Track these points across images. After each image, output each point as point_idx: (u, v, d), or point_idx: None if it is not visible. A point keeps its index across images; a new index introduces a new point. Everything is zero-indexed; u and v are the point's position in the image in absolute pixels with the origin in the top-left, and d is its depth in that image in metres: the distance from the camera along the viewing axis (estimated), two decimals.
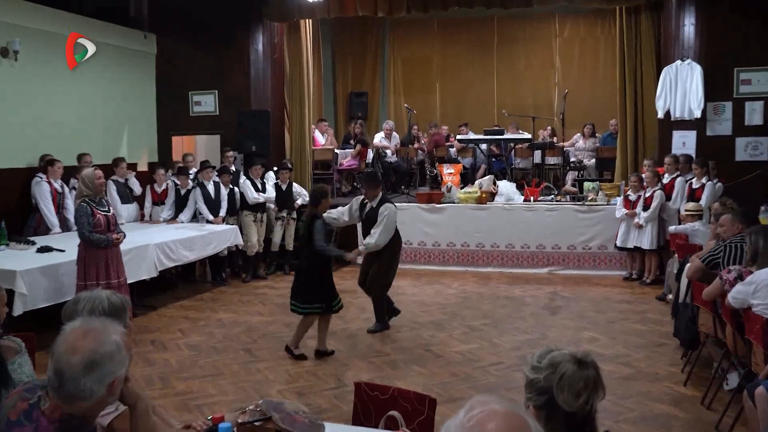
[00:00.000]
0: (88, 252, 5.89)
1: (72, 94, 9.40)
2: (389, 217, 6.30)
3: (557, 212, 9.47)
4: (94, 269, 5.88)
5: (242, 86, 10.79)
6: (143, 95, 10.86)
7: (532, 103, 13.92)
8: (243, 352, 6.06)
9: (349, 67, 15.36)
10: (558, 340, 6.25)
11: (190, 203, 9.07)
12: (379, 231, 6.28)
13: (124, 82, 10.41)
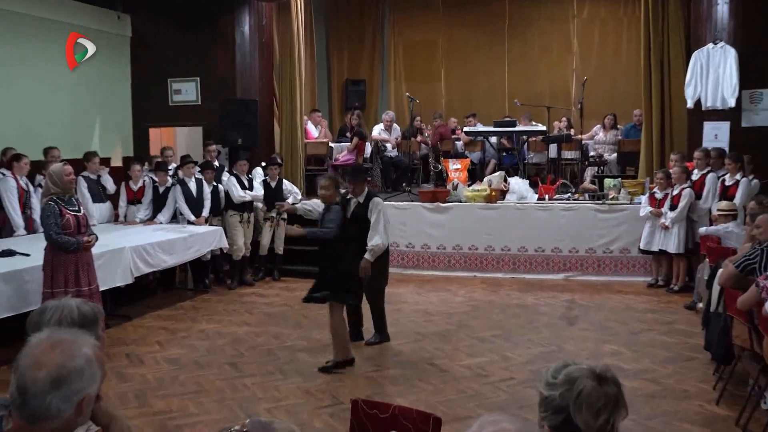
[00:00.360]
0: (56, 256, 5.88)
1: (37, 82, 9.40)
2: (384, 212, 6.35)
3: (575, 212, 9.47)
4: (63, 275, 5.87)
5: (227, 73, 10.79)
6: (117, 83, 10.86)
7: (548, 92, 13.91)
8: (228, 366, 6.05)
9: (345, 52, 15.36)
10: (575, 354, 6.24)
11: (169, 202, 9.06)
12: (380, 228, 6.29)
13: (95, 68, 10.41)
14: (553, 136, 11.69)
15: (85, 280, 5.98)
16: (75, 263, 5.92)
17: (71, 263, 5.90)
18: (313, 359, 6.19)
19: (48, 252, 5.93)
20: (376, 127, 12.64)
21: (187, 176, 9.02)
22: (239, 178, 9.27)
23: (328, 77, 15.45)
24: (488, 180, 10.21)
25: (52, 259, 5.89)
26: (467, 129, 12.12)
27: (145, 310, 8.10)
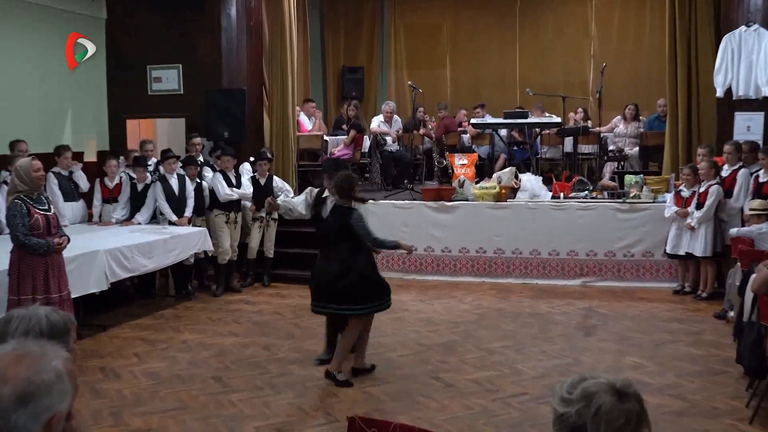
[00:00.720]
0: (23, 260, 5.88)
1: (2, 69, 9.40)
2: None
3: (593, 211, 9.47)
4: (30, 281, 5.87)
5: (212, 59, 10.79)
6: (91, 70, 10.86)
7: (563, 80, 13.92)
8: (213, 380, 6.05)
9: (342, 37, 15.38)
10: (593, 367, 6.24)
11: (148, 201, 9.07)
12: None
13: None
14: (569, 128, 11.69)
15: (56, 287, 5.97)
16: (44, 268, 5.92)
17: (40, 268, 5.90)
18: (306, 372, 6.19)
19: (14, 255, 5.92)
20: (375, 118, 12.63)
21: (169, 172, 9.02)
22: (225, 175, 9.27)
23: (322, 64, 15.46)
24: (498, 177, 10.21)
25: (19, 263, 5.88)
26: (475, 121, 12.11)
27: (121, 319, 8.09)
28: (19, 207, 5.81)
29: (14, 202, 5.84)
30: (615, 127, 12.01)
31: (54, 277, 5.97)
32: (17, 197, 5.85)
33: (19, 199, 5.85)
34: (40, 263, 5.89)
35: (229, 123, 10.45)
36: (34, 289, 5.85)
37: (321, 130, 12.48)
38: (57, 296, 5.94)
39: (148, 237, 8.19)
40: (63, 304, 5.90)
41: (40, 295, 5.82)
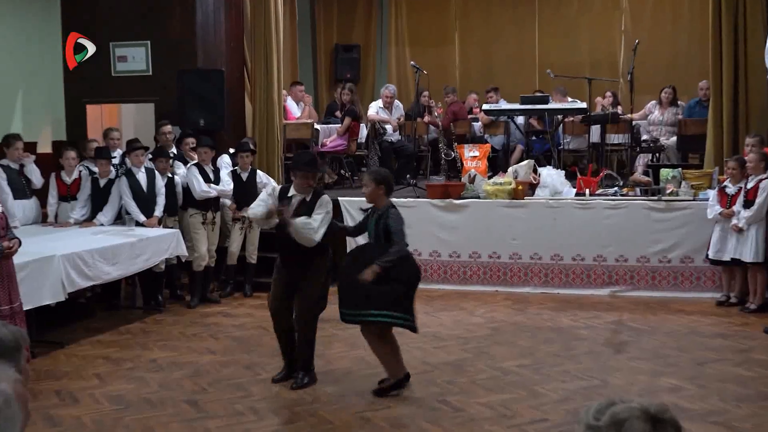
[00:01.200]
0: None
1: None
2: (330, 213, 6.32)
3: (623, 211, 9.46)
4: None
5: (185, 36, 10.78)
6: (45, 48, 10.84)
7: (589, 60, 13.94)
8: (187, 405, 6.03)
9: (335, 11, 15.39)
10: (624, 390, 6.23)
11: (112, 198, 9.06)
12: (321, 219, 6.18)
13: (16, 30, 10.39)
14: (596, 115, 11.69)
15: (5, 298, 5.96)
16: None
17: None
18: (294, 396, 6.18)
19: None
20: (373, 104, 12.63)
21: (136, 165, 9.01)
22: (202, 169, 9.26)
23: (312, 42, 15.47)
24: (514, 171, 10.20)
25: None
26: (487, 107, 12.12)
27: (81, 334, 8.06)
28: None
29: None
30: (649, 113, 12.02)
31: (3, 286, 5.96)
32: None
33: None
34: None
35: (205, 109, 10.44)
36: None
37: (311, 118, 12.48)
38: (7, 308, 5.93)
39: (111, 240, 8.18)
40: (14, 317, 5.89)
41: None
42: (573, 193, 9.93)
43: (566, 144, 12.46)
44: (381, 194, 6.10)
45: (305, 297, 6.38)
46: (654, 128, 11.88)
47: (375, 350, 6.21)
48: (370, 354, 6.98)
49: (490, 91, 12.89)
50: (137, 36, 10.92)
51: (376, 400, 6.09)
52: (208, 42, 10.94)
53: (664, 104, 11.89)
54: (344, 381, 6.54)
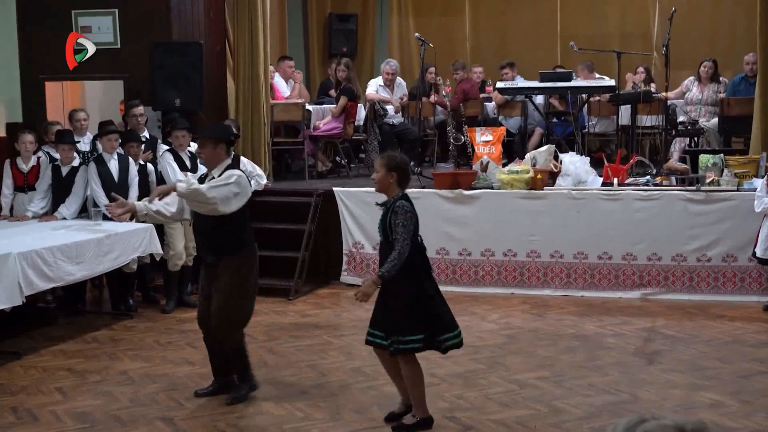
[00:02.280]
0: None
1: None
2: (239, 183, 6.12)
3: (656, 203, 9.47)
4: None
5: (157, 4, 10.78)
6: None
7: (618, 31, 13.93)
8: (161, 423, 6.03)
9: None
10: (657, 405, 6.21)
11: (76, 189, 9.06)
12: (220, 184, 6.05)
13: None
14: (626, 93, 11.68)
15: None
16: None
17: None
18: (282, 411, 6.18)
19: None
20: (373, 82, 12.63)
21: (108, 151, 9.01)
22: (177, 155, 9.27)
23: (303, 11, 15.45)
24: (532, 157, 10.20)
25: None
26: (502, 85, 12.11)
27: (40, 343, 8.06)
28: None
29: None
30: (687, 91, 12.00)
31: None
32: None
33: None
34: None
35: (182, 88, 10.44)
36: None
37: (302, 97, 12.47)
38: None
39: (75, 236, 8.16)
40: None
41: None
42: (599, 183, 9.93)
43: (592, 127, 12.45)
44: (392, 183, 5.79)
45: (216, 302, 6.25)
46: (692, 108, 11.86)
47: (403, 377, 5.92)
48: (368, 365, 7.00)
49: (504, 67, 12.86)
50: (103, 4, 10.91)
51: (376, 417, 6.09)
52: (184, 12, 10.94)
53: (703, 81, 11.87)
54: (340, 395, 6.54)
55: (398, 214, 5.67)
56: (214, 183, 6.10)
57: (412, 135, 12.13)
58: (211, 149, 6.26)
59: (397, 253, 5.59)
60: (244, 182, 6.21)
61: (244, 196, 6.19)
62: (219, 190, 6.04)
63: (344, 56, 13.40)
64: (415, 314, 5.69)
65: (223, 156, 6.29)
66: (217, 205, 6.05)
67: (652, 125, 12.05)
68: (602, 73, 12.33)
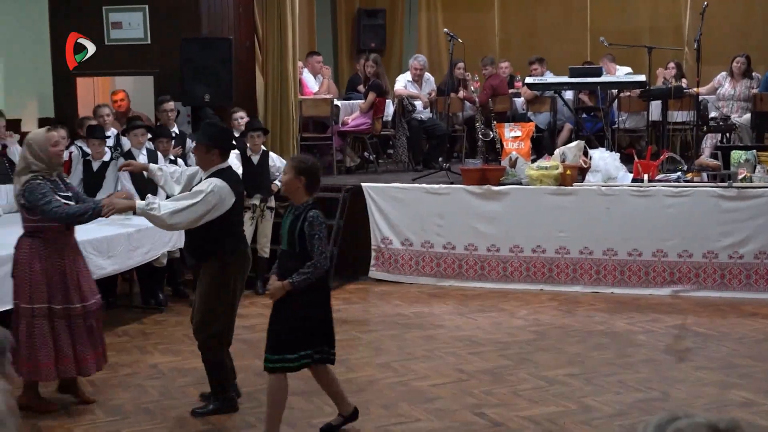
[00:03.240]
0: (39, 253, 5.95)
1: None
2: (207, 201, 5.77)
3: (687, 199, 9.41)
4: (45, 286, 5.95)
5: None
6: (29, 14, 10.89)
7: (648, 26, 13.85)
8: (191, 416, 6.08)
9: None
10: (688, 403, 6.19)
11: (107, 184, 9.12)
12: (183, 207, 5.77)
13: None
14: (657, 89, 11.61)
15: (76, 294, 6.03)
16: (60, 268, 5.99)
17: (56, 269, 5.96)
18: (311, 406, 6.19)
19: (23, 251, 5.98)
20: (401, 77, 12.62)
21: (136, 146, 9.06)
22: None
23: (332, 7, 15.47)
24: (561, 153, 10.17)
25: (30, 262, 5.94)
26: (531, 80, 12.07)
27: None
28: (42, 186, 5.84)
29: (36, 183, 5.87)
30: (719, 86, 11.90)
31: (73, 280, 6.04)
32: (35, 177, 5.92)
33: (39, 179, 5.91)
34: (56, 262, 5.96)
35: (211, 83, 10.47)
36: (51, 296, 5.93)
37: (330, 93, 12.48)
38: (80, 306, 6.02)
39: (106, 231, 8.20)
40: (88, 316, 6.02)
41: (58, 304, 5.93)
42: (629, 179, 9.88)
43: (622, 122, 12.39)
44: (300, 187, 5.45)
45: (194, 311, 6.17)
46: (724, 104, 11.77)
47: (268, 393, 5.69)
48: (396, 360, 7.03)
49: (534, 62, 12.82)
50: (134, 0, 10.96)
51: (404, 412, 6.10)
52: (214, 7, 10.98)
53: (736, 76, 11.77)
54: (367, 390, 6.56)
55: (313, 225, 5.36)
56: (179, 204, 5.80)
57: (441, 131, 12.11)
58: (203, 153, 6.05)
59: (313, 266, 5.34)
60: (216, 197, 5.81)
61: (217, 210, 5.85)
62: (181, 215, 5.76)
63: (373, 52, 13.40)
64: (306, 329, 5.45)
65: (216, 161, 6.02)
66: (182, 226, 5.94)
67: (684, 121, 11.98)
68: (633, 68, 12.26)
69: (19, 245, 6.02)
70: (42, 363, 5.91)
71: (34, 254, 5.94)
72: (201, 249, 6.12)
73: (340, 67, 15.38)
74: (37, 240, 5.97)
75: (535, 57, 12.98)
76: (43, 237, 5.98)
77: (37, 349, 5.89)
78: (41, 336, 5.89)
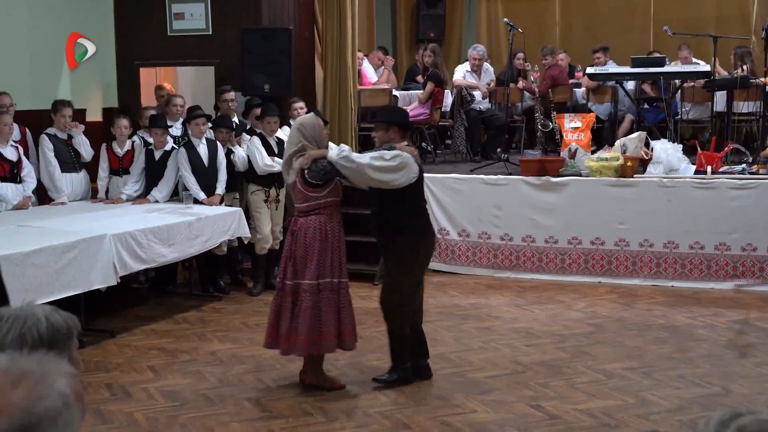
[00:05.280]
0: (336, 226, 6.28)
1: None
2: (402, 156, 6.25)
3: (752, 191, 9.29)
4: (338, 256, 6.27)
5: None
6: (94, 4, 11.04)
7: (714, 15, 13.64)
8: (248, 403, 6.15)
9: None
10: (751, 399, 6.14)
11: (168, 173, 9.22)
12: (375, 155, 6.29)
13: None
14: (721, 79, 11.44)
15: (336, 267, 6.26)
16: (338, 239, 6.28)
17: (337, 240, 6.25)
18: (369, 395, 6.24)
19: (312, 226, 6.18)
20: (460, 67, 12.59)
21: (196, 136, 9.14)
22: (265, 140, 9.37)
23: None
24: (622, 144, 10.09)
25: (320, 234, 6.16)
26: (592, 70, 11.96)
27: (133, 323, 8.25)
28: None
29: None
30: None
31: (339, 251, 6.28)
32: None
33: None
34: (336, 236, 6.25)
35: (270, 73, 10.51)
36: (333, 268, 6.22)
37: (389, 83, 12.49)
38: (338, 281, 6.24)
39: (167, 219, 8.32)
40: (341, 290, 6.24)
41: (334, 276, 6.20)
42: (692, 171, 9.77)
43: (685, 113, 12.23)
44: None
45: (384, 284, 6.57)
46: None
47: None
48: (452, 351, 7.05)
49: (597, 51, 12.66)
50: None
51: (460, 403, 6.11)
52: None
53: None
54: (424, 382, 6.57)
55: None
56: (370, 155, 6.27)
57: (500, 121, 12.07)
58: (383, 132, 6.49)
59: None
60: (402, 160, 6.21)
61: (405, 175, 6.22)
62: (377, 164, 6.16)
63: (432, 41, 13.37)
64: None
65: (396, 139, 6.45)
66: (376, 177, 6.18)
67: (749, 112, 11.79)
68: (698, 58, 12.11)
69: (306, 225, 6.21)
70: (325, 335, 6.16)
71: (321, 230, 6.17)
72: (389, 228, 6.41)
73: (399, 58, 15.36)
74: (322, 216, 6.20)
75: (599, 46, 12.83)
76: (326, 213, 6.23)
77: (321, 323, 6.12)
78: (327, 309, 6.13)
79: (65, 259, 6.95)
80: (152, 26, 11.11)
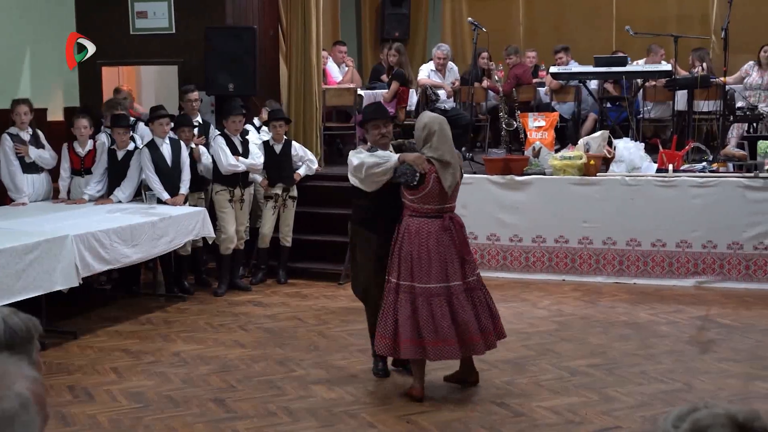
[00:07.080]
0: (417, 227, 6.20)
1: None
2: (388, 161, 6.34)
3: (713, 189, 9.36)
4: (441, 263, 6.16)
5: None
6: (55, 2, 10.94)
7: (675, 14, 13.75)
8: (213, 404, 6.12)
9: None
10: (711, 394, 6.19)
11: (131, 173, 9.17)
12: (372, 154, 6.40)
13: None
14: (682, 78, 11.54)
15: (457, 270, 6.18)
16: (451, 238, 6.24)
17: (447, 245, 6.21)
18: (332, 395, 6.23)
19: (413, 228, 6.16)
20: (425, 66, 12.60)
21: (159, 136, 9.09)
22: (229, 139, 9.33)
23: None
24: (585, 143, 10.14)
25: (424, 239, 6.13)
26: (555, 69, 12.02)
27: (96, 324, 8.20)
28: None
29: None
30: (746, 76, 11.80)
31: (458, 254, 6.22)
32: None
33: None
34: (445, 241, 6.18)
35: (235, 72, 10.48)
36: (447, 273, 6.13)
37: (354, 82, 12.47)
38: (461, 283, 6.17)
39: (130, 219, 8.28)
40: (474, 291, 6.21)
41: (451, 281, 6.11)
42: (654, 169, 9.84)
43: (647, 112, 12.32)
44: None
45: None
46: (751, 93, 11.66)
47: None
48: None
49: (559, 51, 12.76)
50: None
51: (426, 403, 6.12)
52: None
53: (764, 65, 11.66)
54: (389, 380, 6.58)
55: None
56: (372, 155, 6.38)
57: (464, 120, 12.08)
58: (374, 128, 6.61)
59: None
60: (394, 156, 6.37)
61: None
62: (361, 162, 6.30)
63: (397, 41, 13.36)
64: None
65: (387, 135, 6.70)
66: None
67: (710, 111, 11.89)
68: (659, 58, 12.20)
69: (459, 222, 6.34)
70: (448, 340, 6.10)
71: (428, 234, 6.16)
72: None
73: (364, 57, 15.37)
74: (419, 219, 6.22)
75: (560, 46, 12.92)
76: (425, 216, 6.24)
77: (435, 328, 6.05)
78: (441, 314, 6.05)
79: (26, 261, 6.90)
80: (114, 25, 11.03)
